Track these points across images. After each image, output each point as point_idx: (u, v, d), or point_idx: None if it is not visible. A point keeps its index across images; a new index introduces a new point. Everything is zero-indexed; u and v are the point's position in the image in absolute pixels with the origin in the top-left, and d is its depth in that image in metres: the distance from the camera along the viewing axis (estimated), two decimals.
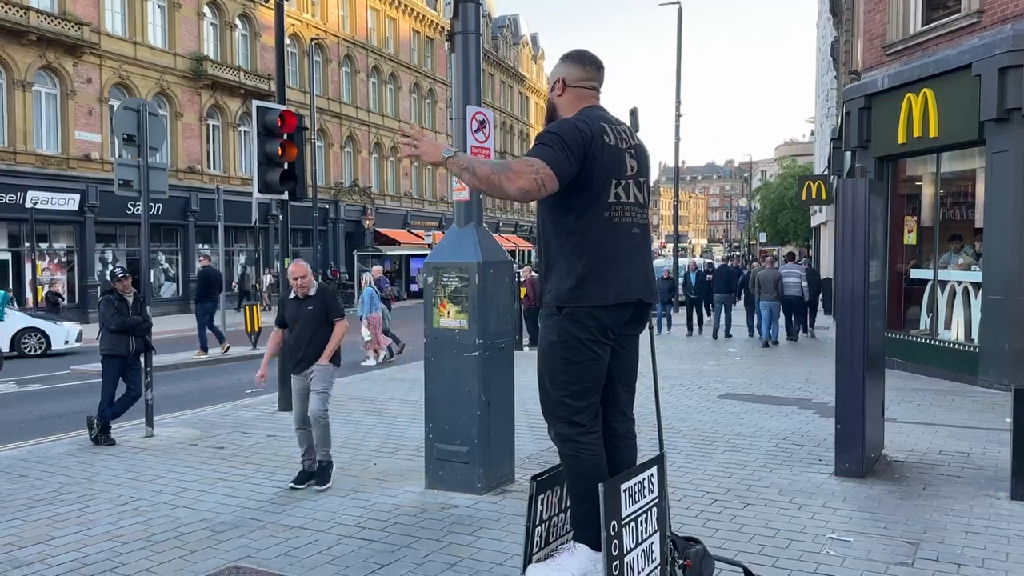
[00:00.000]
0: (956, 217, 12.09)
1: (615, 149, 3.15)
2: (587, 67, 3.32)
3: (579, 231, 3.12)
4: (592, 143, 3.06)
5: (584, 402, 3.15)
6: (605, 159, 3.10)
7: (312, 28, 36.30)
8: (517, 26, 61.96)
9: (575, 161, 3.01)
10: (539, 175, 2.91)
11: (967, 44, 10.60)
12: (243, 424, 8.57)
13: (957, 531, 4.89)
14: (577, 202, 3.11)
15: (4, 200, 23.08)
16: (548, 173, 2.93)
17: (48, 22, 24.19)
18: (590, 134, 3.07)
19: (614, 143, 3.15)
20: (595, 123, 3.13)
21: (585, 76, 3.31)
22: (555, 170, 2.94)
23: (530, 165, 2.92)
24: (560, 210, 3.16)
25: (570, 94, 3.31)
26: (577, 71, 3.31)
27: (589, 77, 3.32)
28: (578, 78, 3.31)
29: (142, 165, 8.37)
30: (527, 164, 2.93)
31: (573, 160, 3.00)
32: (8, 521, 5.35)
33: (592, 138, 3.07)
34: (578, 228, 3.12)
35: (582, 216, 3.11)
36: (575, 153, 3.01)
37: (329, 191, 37.29)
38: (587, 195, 3.10)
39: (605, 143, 3.11)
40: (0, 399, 11.71)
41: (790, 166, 62.98)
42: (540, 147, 3.00)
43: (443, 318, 5.80)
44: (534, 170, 2.91)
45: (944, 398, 9.68)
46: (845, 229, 6.26)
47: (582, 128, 3.07)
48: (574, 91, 3.30)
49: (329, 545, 4.79)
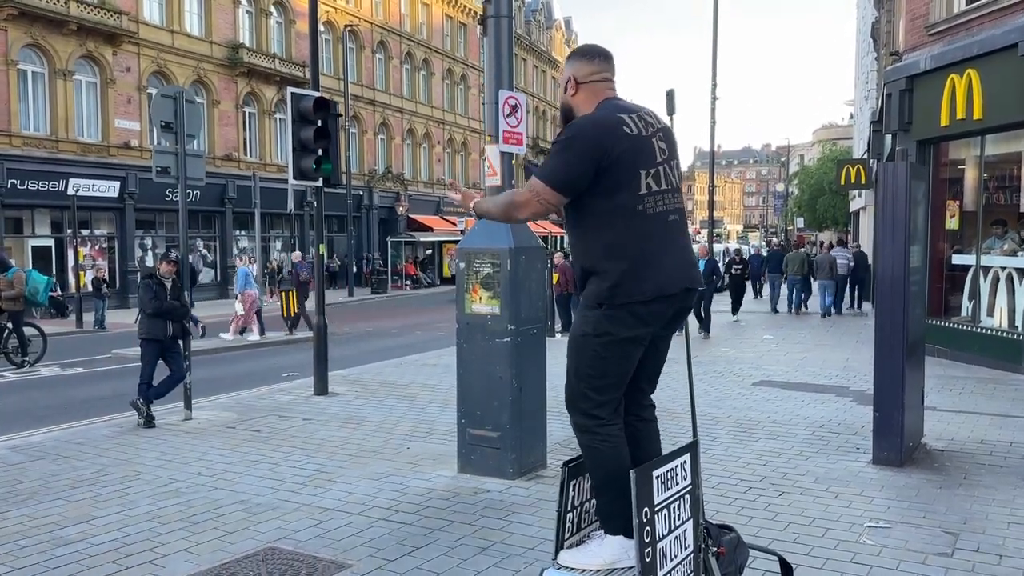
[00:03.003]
0: (1000, 201, 11.80)
1: (639, 138, 3.05)
2: (595, 60, 3.23)
3: (615, 228, 3.03)
4: (604, 141, 2.98)
5: (606, 396, 3.12)
6: (629, 151, 3.01)
7: (346, 15, 36.42)
8: (550, 10, 61.54)
9: (581, 165, 2.97)
10: (541, 197, 3.07)
11: (1013, 23, 10.29)
12: (279, 408, 8.68)
13: (999, 522, 4.79)
14: (607, 200, 3.03)
15: (47, 187, 23.59)
16: (548, 191, 3.04)
17: (88, 11, 24.56)
18: (600, 133, 2.99)
19: (636, 132, 3.05)
20: (611, 117, 3.04)
21: (595, 70, 3.22)
22: (554, 185, 3.03)
23: (531, 191, 3.09)
24: (593, 209, 3.08)
25: (584, 91, 3.21)
26: (586, 66, 3.22)
27: (599, 70, 3.22)
28: (588, 73, 3.21)
29: (179, 152, 8.47)
30: (529, 191, 3.10)
31: (576, 166, 2.97)
32: (52, 501, 5.48)
33: (603, 137, 2.98)
34: (614, 226, 3.04)
35: (615, 214, 3.03)
36: (576, 158, 2.97)
37: (363, 178, 37.52)
38: (615, 192, 3.02)
39: (625, 135, 3.02)
40: (44, 382, 12.01)
41: (830, 150, 61.94)
42: (546, 162, 3.11)
43: (475, 304, 5.80)
44: (535, 193, 3.07)
45: (986, 386, 9.48)
46: (885, 214, 6.13)
47: (591, 132, 3.00)
48: (587, 87, 3.21)
49: (363, 527, 4.84)
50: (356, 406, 8.68)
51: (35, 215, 24.46)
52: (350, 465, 6.26)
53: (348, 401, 8.98)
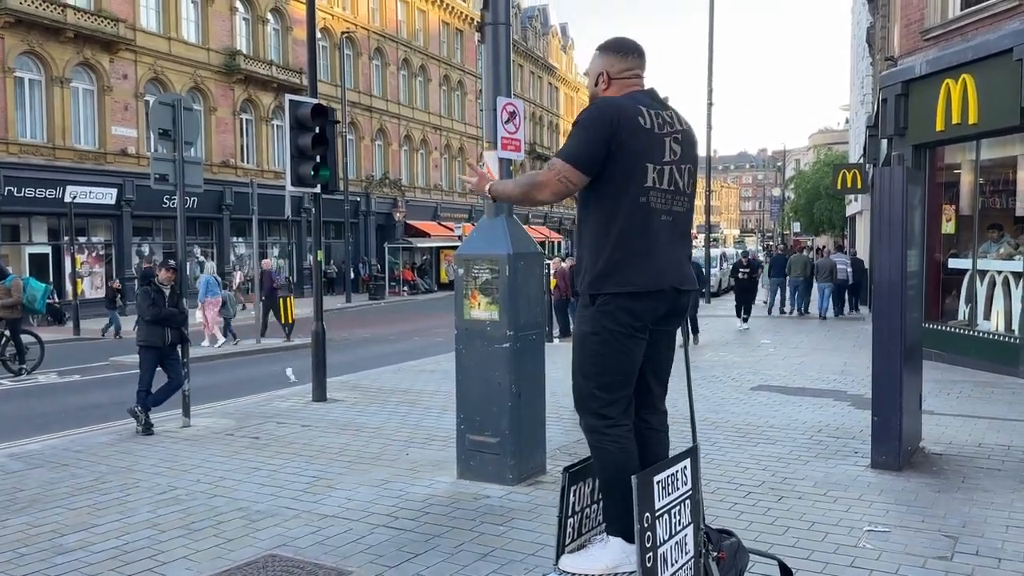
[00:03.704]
0: (996, 205, 11.83)
1: (651, 132, 3.08)
2: (628, 56, 3.26)
3: (613, 216, 3.09)
4: (620, 125, 3.02)
5: (614, 395, 3.14)
6: (639, 142, 3.05)
7: (343, 22, 36.48)
8: (546, 16, 61.68)
9: (599, 144, 3.00)
10: (562, 175, 3.07)
11: (1008, 28, 10.34)
12: (278, 414, 8.68)
13: (997, 525, 4.80)
14: (611, 188, 3.09)
15: (44, 195, 23.57)
16: (570, 169, 3.05)
17: (85, 19, 24.58)
18: (618, 116, 3.04)
19: (650, 126, 3.09)
20: (630, 107, 3.08)
21: (628, 66, 3.25)
22: (576, 163, 3.04)
23: (552, 169, 3.09)
24: (595, 196, 3.14)
25: (615, 86, 3.24)
26: (620, 62, 3.25)
27: (632, 66, 3.25)
28: (622, 69, 3.24)
29: (177, 159, 8.49)
30: (550, 171, 3.11)
31: (595, 144, 3.00)
32: (51, 509, 5.47)
33: (620, 120, 3.03)
34: (612, 213, 3.09)
35: (616, 201, 3.08)
36: (595, 136, 3.01)
37: (360, 184, 37.54)
38: (619, 181, 3.07)
39: (639, 125, 3.05)
40: (42, 389, 11.99)
41: (826, 155, 62.04)
42: (566, 144, 3.11)
43: (474, 310, 5.81)
44: (556, 172, 3.08)
45: (983, 390, 9.50)
46: (882, 218, 6.15)
47: (608, 112, 3.05)
48: (619, 83, 3.24)
49: (363, 534, 4.84)
50: (355, 412, 8.68)
51: (32, 222, 24.43)
52: (349, 472, 6.26)
53: (347, 407, 8.98)
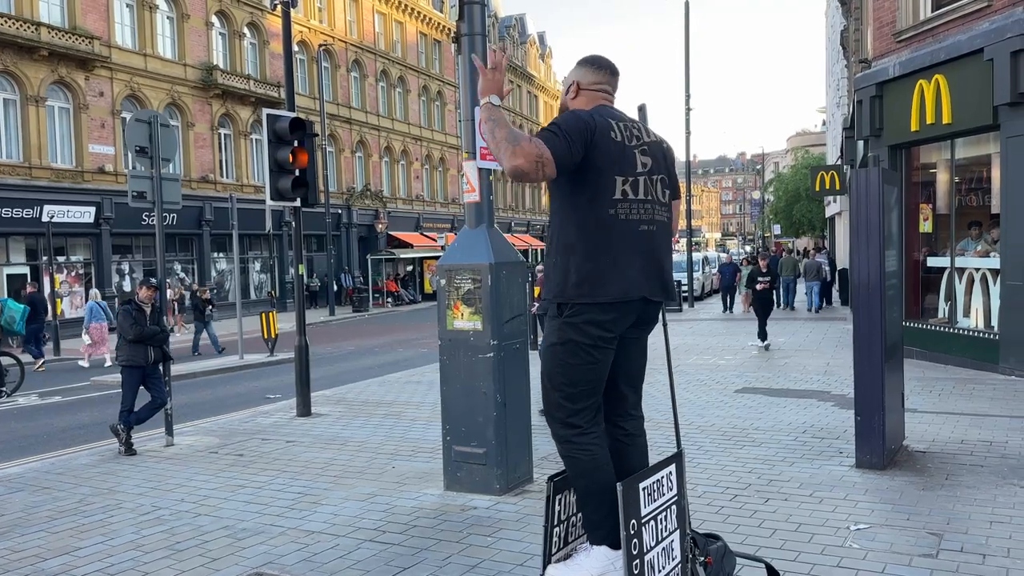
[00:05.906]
0: (972, 203, 11.97)
1: (622, 146, 3.13)
2: (601, 71, 3.35)
3: (583, 228, 3.11)
4: (595, 132, 3.05)
5: (580, 404, 3.15)
6: (610, 154, 3.09)
7: (320, 34, 36.43)
8: (524, 25, 61.89)
9: (576, 148, 3.00)
10: (541, 159, 2.91)
11: (978, 28, 10.49)
12: (262, 431, 8.61)
13: (981, 521, 4.84)
14: (581, 199, 3.11)
15: (21, 214, 23.31)
16: (548, 158, 2.93)
17: (59, 37, 24.39)
18: (593, 124, 3.07)
19: (620, 139, 3.14)
20: (602, 118, 3.13)
21: (599, 80, 3.34)
22: (555, 156, 2.95)
23: (537, 147, 2.92)
24: (565, 206, 3.16)
25: (584, 97, 3.33)
26: (591, 75, 3.34)
27: (603, 81, 3.34)
28: (592, 82, 3.34)
29: (155, 176, 8.43)
30: (535, 146, 2.93)
31: (574, 147, 3.00)
32: (33, 533, 5.40)
33: (595, 128, 3.06)
34: (582, 223, 3.11)
35: (587, 212, 3.11)
36: (575, 141, 3.00)
37: (341, 196, 37.43)
38: (590, 191, 3.09)
39: (611, 138, 3.10)
40: (23, 412, 11.83)
41: (803, 157, 62.55)
42: (544, 132, 3.03)
43: (457, 320, 5.81)
44: (538, 154, 2.91)
45: (964, 387, 9.59)
46: (860, 219, 6.21)
47: (584, 117, 3.08)
48: (588, 94, 3.33)
49: (350, 549, 4.80)
50: (340, 426, 8.63)
51: (9, 243, 24.14)
52: (335, 487, 6.22)
53: (332, 422, 8.93)
